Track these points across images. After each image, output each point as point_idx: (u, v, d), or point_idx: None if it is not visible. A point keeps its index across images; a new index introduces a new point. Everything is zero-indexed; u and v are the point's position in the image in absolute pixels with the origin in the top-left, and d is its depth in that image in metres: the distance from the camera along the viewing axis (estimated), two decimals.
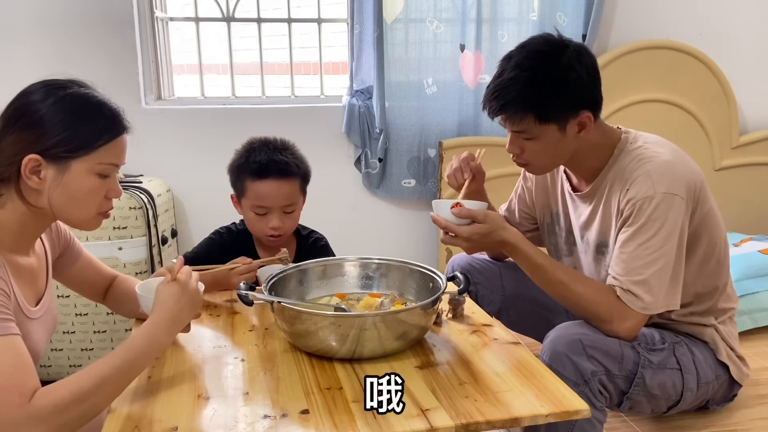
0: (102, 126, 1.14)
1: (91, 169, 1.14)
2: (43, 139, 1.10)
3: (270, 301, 1.26)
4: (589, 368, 1.32)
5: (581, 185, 1.57)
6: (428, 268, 1.42)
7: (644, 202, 1.36)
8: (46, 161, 1.10)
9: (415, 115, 2.77)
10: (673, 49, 2.83)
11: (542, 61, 1.39)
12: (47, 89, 1.14)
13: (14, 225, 1.14)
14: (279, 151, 1.66)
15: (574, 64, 1.39)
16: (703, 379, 1.47)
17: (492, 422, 1.02)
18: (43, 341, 1.23)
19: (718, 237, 1.49)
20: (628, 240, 1.38)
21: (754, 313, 2.29)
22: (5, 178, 1.11)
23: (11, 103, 1.14)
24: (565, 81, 1.38)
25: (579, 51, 1.42)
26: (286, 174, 1.64)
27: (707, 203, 1.45)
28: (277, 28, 2.86)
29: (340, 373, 1.17)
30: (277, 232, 1.65)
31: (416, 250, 2.90)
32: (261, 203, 1.64)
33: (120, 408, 1.06)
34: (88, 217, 1.19)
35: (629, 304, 1.36)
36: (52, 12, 2.49)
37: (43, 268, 1.27)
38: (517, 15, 2.79)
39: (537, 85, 1.37)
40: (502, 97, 1.40)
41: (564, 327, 1.39)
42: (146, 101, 2.66)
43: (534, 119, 1.39)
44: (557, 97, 1.38)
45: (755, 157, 3.01)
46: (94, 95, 1.17)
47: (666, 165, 1.39)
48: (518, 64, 1.39)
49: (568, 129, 1.42)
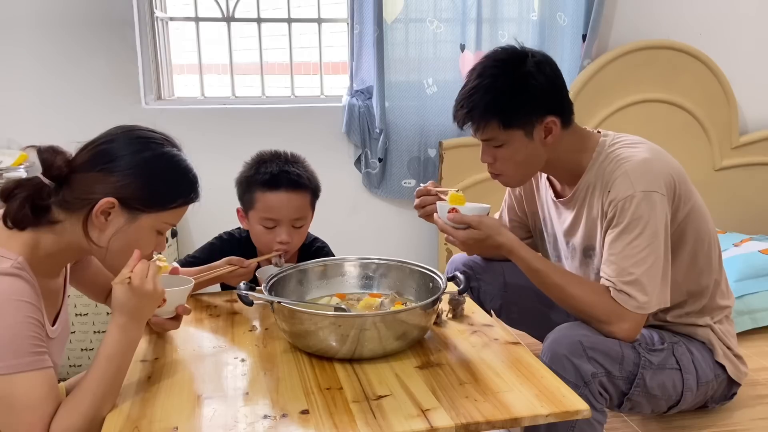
0: (181, 190, 1.19)
1: (154, 226, 1.18)
2: (126, 188, 1.11)
3: (270, 301, 1.26)
4: (590, 370, 1.32)
5: (564, 191, 1.58)
6: (428, 268, 1.42)
7: (625, 202, 1.37)
8: (120, 207, 1.12)
9: (415, 115, 2.77)
10: (673, 49, 2.83)
11: (503, 69, 1.43)
12: (145, 143, 1.16)
13: (57, 251, 1.15)
14: (290, 164, 1.62)
15: (533, 72, 1.42)
16: (702, 379, 1.47)
17: (492, 422, 1.02)
18: (59, 357, 1.24)
19: (705, 233, 1.49)
20: (615, 241, 1.39)
21: (754, 313, 2.28)
22: (75, 208, 1.12)
23: (104, 141, 1.15)
24: (526, 87, 1.41)
25: (540, 60, 1.44)
26: (298, 186, 1.60)
27: (691, 199, 1.46)
28: (277, 28, 2.86)
29: (340, 373, 1.17)
30: (284, 248, 1.59)
31: (416, 250, 2.89)
32: (271, 215, 1.58)
33: (120, 408, 1.06)
34: (124, 265, 1.19)
35: (623, 305, 1.36)
36: (53, 12, 2.49)
37: (62, 283, 1.27)
38: (517, 15, 2.79)
39: (498, 91, 1.41)
40: (466, 106, 1.43)
41: (564, 328, 1.40)
42: (146, 101, 2.66)
43: (498, 125, 1.42)
44: (518, 102, 1.41)
45: (755, 157, 3.01)
46: (184, 159, 1.21)
47: (643, 163, 1.40)
48: (480, 74, 1.43)
49: (535, 135, 1.44)
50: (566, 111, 1.47)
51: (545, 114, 1.43)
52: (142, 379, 1.17)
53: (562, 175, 1.55)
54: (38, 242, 1.12)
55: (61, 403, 1.04)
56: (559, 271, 1.46)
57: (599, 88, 2.79)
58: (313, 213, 1.68)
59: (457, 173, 2.75)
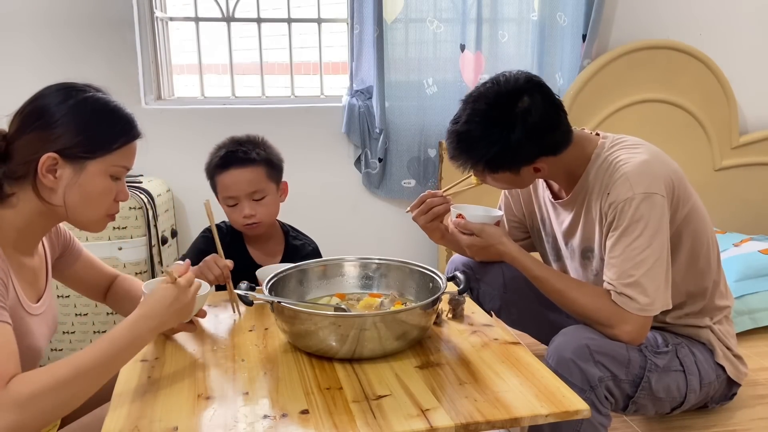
0: (119, 129, 1.19)
1: (105, 171, 1.18)
2: (61, 139, 1.12)
3: (270, 301, 1.26)
4: (596, 374, 1.32)
5: (561, 192, 1.59)
6: (428, 268, 1.42)
7: (625, 204, 1.37)
8: (63, 160, 1.13)
9: (415, 115, 2.77)
10: (673, 49, 2.83)
11: (492, 117, 1.39)
12: (67, 91, 1.16)
13: (21, 224, 1.16)
14: (241, 144, 1.73)
15: (525, 115, 1.37)
16: (705, 379, 1.47)
17: (492, 422, 1.02)
18: (44, 338, 1.24)
19: (703, 234, 1.49)
20: (615, 244, 1.39)
21: (754, 313, 2.29)
22: (21, 176, 1.13)
23: (29, 103, 1.16)
24: (514, 141, 1.37)
25: (534, 95, 1.38)
26: (246, 162, 1.69)
27: (689, 200, 1.46)
28: (277, 28, 2.86)
29: (340, 373, 1.17)
30: (250, 220, 1.70)
31: (416, 250, 2.89)
32: (228, 193, 1.70)
33: (120, 408, 1.06)
34: (97, 218, 1.22)
35: (624, 307, 1.36)
36: (52, 12, 2.49)
37: (43, 268, 1.28)
38: (517, 15, 2.79)
39: (486, 144, 1.39)
40: (456, 148, 1.45)
41: (570, 331, 1.39)
42: (146, 101, 2.66)
43: (485, 169, 1.45)
44: (507, 156, 1.41)
45: (755, 157, 3.01)
46: (112, 100, 1.21)
47: (642, 165, 1.40)
48: (469, 119, 1.41)
49: (523, 172, 1.45)
50: (560, 146, 1.44)
51: (534, 159, 1.42)
52: (142, 379, 1.17)
53: (559, 178, 1.56)
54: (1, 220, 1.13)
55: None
56: (560, 277, 1.47)
57: (599, 88, 2.79)
58: (278, 186, 1.76)
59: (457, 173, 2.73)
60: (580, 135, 1.51)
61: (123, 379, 1.16)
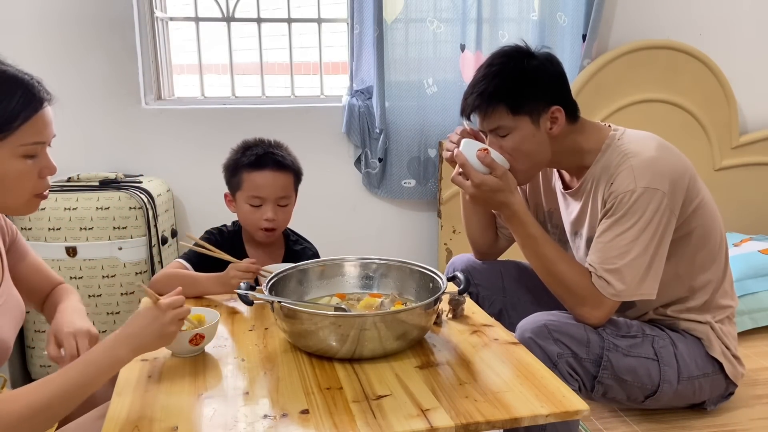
0: (16, 104, 1.05)
1: (14, 153, 1.06)
2: None
3: (270, 301, 1.26)
4: (556, 351, 1.37)
5: (572, 182, 1.60)
6: (428, 268, 1.42)
7: (625, 195, 1.40)
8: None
9: (415, 115, 2.77)
10: (673, 49, 2.83)
11: (511, 59, 1.48)
12: None
13: None
14: (275, 147, 1.74)
15: (540, 64, 1.48)
16: (684, 374, 1.48)
17: (492, 422, 1.02)
18: (9, 329, 1.19)
19: (712, 229, 1.51)
20: (606, 230, 1.42)
21: (754, 313, 2.29)
22: None
23: None
24: (533, 75, 1.46)
25: (547, 57, 1.49)
26: (282, 167, 1.71)
27: (698, 195, 1.48)
28: (277, 28, 2.86)
29: (340, 373, 1.17)
30: (271, 225, 1.69)
31: (416, 250, 2.89)
32: (257, 193, 1.68)
33: (120, 408, 1.06)
34: (22, 202, 1.12)
35: (601, 290, 1.40)
36: (52, 12, 2.49)
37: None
38: (517, 15, 2.79)
39: (506, 77, 1.45)
40: (474, 92, 1.47)
41: (531, 316, 1.44)
42: (146, 101, 2.66)
43: (506, 110, 1.44)
44: (526, 87, 1.44)
45: (755, 157, 3.01)
46: (4, 69, 1.06)
47: (650, 160, 1.42)
48: (488, 64, 1.50)
49: (541, 123, 1.46)
50: (571, 105, 1.49)
51: (551, 103, 1.45)
52: (142, 379, 1.17)
53: (569, 167, 1.57)
54: None
55: None
56: (552, 245, 1.49)
57: (599, 88, 2.79)
58: (296, 196, 1.77)
59: None
60: (592, 124, 1.54)
61: (123, 379, 1.16)
